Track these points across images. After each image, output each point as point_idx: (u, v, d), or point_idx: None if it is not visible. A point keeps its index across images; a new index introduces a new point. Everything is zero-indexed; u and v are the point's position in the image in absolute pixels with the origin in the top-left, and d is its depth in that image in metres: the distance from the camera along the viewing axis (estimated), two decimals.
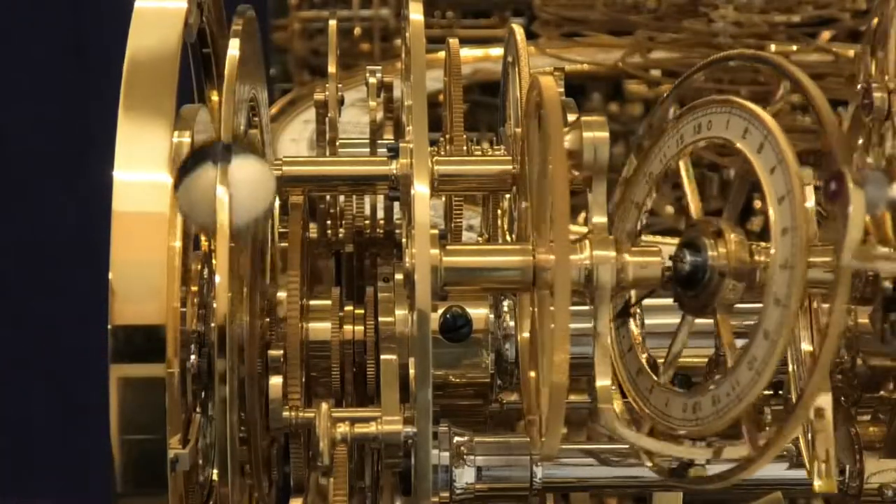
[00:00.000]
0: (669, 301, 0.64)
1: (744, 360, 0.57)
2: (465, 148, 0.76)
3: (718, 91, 1.45)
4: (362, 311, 0.75)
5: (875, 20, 0.69)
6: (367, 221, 0.80)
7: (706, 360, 0.67)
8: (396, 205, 0.76)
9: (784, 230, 0.56)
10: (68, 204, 1.56)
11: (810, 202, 0.58)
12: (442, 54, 0.80)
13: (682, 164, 0.62)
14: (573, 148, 0.59)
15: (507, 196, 0.76)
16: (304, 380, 0.72)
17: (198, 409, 0.65)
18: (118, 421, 0.57)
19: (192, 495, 0.64)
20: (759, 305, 0.59)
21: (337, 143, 0.79)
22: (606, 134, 0.59)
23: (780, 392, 0.75)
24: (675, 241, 0.63)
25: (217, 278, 0.59)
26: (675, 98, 0.66)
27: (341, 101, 0.80)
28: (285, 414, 0.68)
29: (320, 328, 0.73)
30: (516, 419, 0.77)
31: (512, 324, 0.71)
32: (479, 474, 0.69)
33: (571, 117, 0.71)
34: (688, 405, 0.60)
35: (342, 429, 0.64)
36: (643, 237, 0.66)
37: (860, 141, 0.69)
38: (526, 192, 0.65)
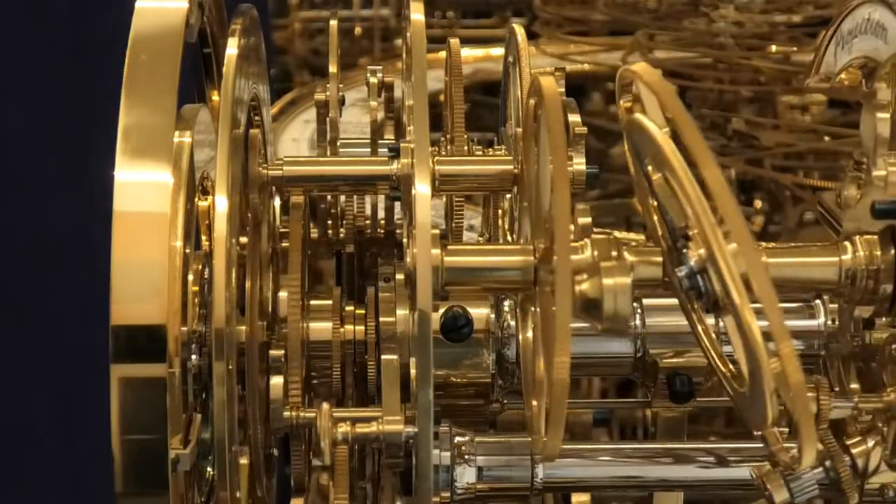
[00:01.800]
0: (670, 301, 0.64)
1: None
2: (465, 148, 0.76)
3: (720, 92, 1.45)
4: (363, 311, 0.75)
5: None
6: (367, 221, 0.80)
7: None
8: (397, 205, 0.76)
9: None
10: (68, 204, 1.56)
11: None
12: (443, 54, 0.80)
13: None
14: (592, 296, 0.55)
15: (508, 196, 0.76)
16: (304, 380, 0.72)
17: (198, 409, 0.65)
18: (118, 421, 0.57)
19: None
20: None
21: (338, 143, 0.79)
22: (628, 280, 0.55)
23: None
24: None
25: (216, 285, 0.59)
26: None
27: (342, 101, 0.80)
28: (286, 414, 0.68)
29: (321, 328, 0.73)
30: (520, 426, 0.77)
31: (513, 324, 0.71)
32: (479, 474, 0.69)
33: (572, 117, 0.71)
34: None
35: (343, 429, 0.63)
36: (642, 237, 0.66)
37: None
38: (526, 192, 0.65)
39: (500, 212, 0.77)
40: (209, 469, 0.67)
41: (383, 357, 0.69)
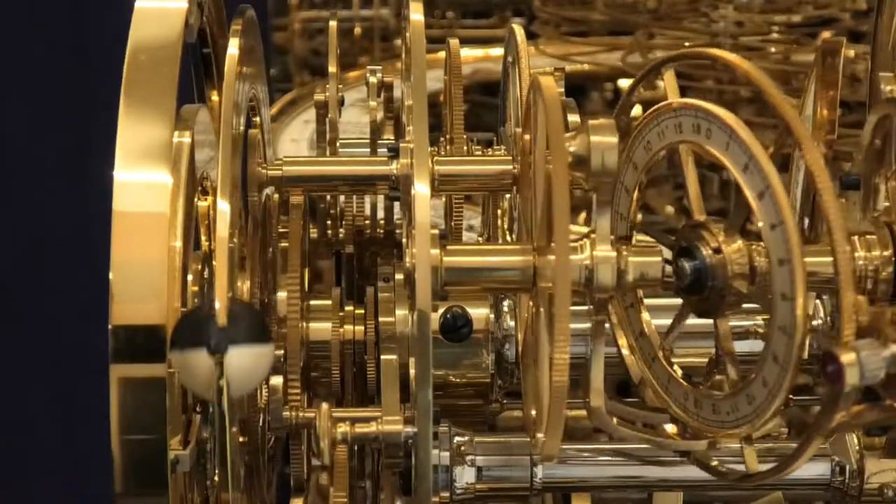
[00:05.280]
0: (669, 301, 0.64)
1: (768, 356, 0.56)
2: (465, 148, 0.76)
3: (719, 91, 1.45)
4: (363, 311, 0.75)
5: None
6: (367, 221, 0.80)
7: (706, 360, 0.67)
8: (397, 205, 0.76)
9: (772, 226, 0.55)
10: (68, 204, 1.56)
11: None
12: (442, 54, 0.80)
13: (687, 163, 0.62)
14: (580, 153, 0.57)
15: (507, 196, 0.76)
16: (304, 380, 0.72)
17: (198, 409, 0.65)
18: (118, 421, 0.57)
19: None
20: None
21: (337, 144, 0.79)
22: (615, 139, 0.57)
23: None
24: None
25: (216, 285, 0.59)
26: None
27: (341, 102, 0.81)
28: (285, 414, 0.68)
29: (321, 328, 0.73)
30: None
31: (512, 324, 0.71)
32: (479, 474, 0.69)
33: (572, 117, 0.71)
34: (720, 406, 0.60)
35: (342, 429, 0.64)
36: (643, 237, 0.66)
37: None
38: (526, 192, 0.65)
39: (499, 212, 0.77)
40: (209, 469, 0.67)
41: (383, 357, 0.69)
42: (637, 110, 0.65)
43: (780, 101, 0.57)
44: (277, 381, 0.69)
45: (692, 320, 0.63)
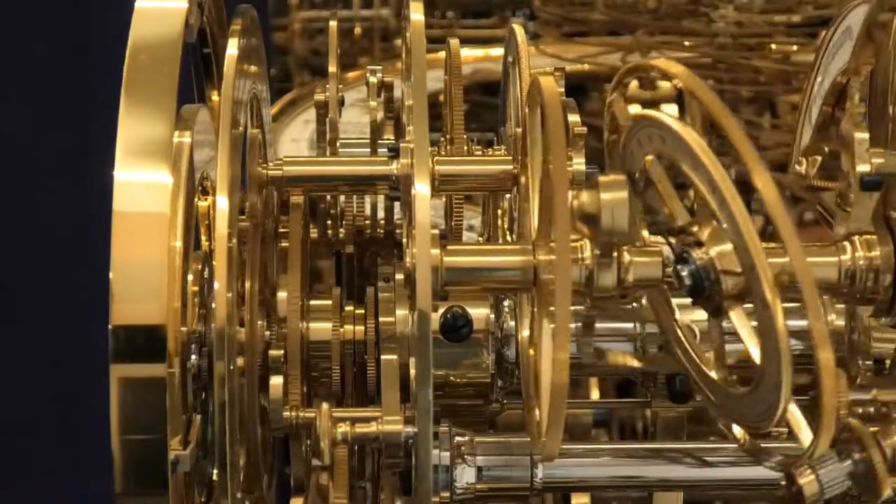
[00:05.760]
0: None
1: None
2: (465, 148, 0.76)
3: (719, 92, 1.45)
4: (363, 311, 0.75)
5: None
6: (367, 221, 0.80)
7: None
8: (397, 205, 0.76)
9: (720, 203, 0.55)
10: (68, 204, 1.56)
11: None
12: (442, 54, 0.80)
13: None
14: (590, 211, 0.56)
15: (507, 196, 0.76)
16: (304, 380, 0.72)
17: (198, 410, 0.65)
18: (118, 421, 0.57)
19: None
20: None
21: (337, 144, 0.79)
22: (625, 194, 0.56)
23: None
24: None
25: (216, 284, 0.59)
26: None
27: (342, 102, 0.80)
28: (285, 414, 0.68)
29: (321, 328, 0.73)
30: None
31: (512, 324, 0.71)
32: (479, 474, 0.69)
33: (572, 117, 0.71)
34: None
35: (343, 429, 0.64)
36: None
37: None
38: (526, 192, 0.65)
39: (499, 212, 0.77)
40: (210, 469, 0.67)
41: (383, 357, 0.69)
42: (636, 109, 0.65)
43: (732, 125, 0.57)
44: (277, 380, 0.69)
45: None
